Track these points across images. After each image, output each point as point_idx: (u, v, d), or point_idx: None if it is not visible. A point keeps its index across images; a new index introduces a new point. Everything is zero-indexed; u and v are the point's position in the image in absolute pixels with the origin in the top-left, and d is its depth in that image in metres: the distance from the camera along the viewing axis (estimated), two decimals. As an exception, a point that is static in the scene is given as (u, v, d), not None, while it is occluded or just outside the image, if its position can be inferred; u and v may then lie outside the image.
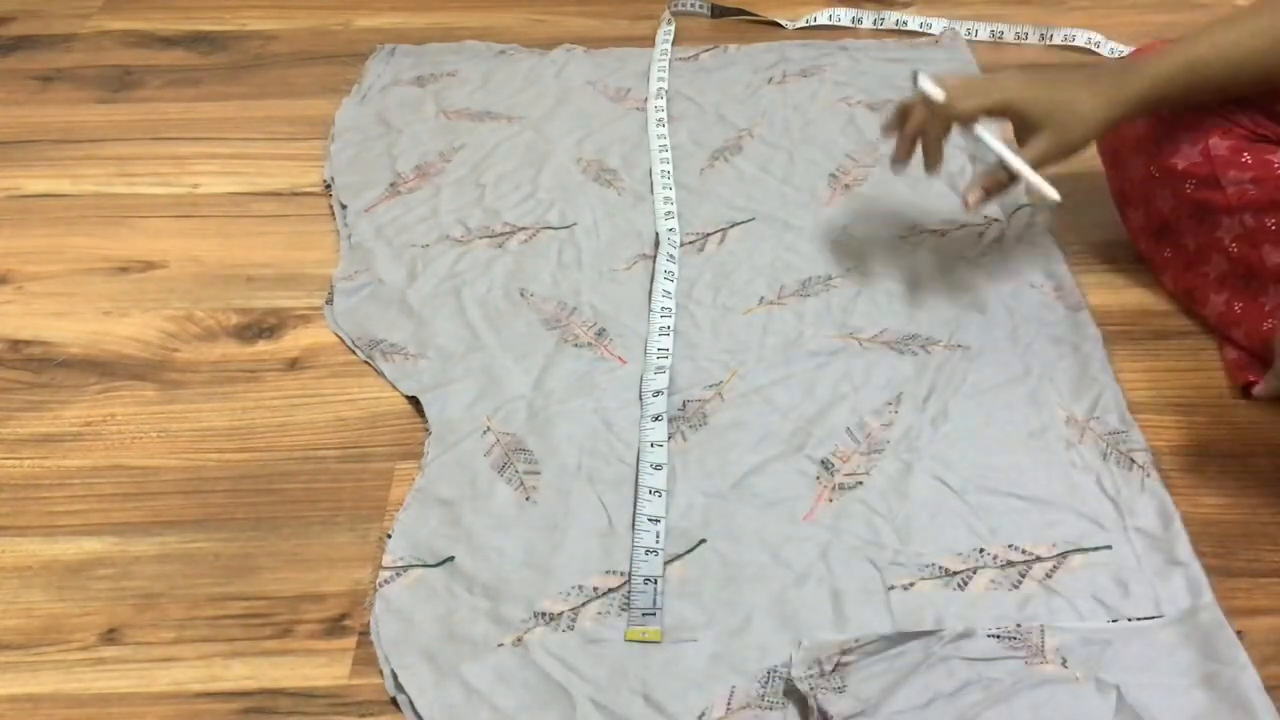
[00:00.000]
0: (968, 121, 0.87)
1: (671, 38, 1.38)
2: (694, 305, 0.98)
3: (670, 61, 1.33)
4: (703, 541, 0.78)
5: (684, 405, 0.88)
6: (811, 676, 0.67)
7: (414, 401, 0.89)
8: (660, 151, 1.16)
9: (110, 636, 0.73)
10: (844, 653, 0.69)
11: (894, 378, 0.90)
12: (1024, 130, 0.87)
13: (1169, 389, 0.90)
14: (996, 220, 1.06)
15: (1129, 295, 1.00)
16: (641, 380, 0.89)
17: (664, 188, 1.11)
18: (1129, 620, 0.71)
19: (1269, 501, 0.81)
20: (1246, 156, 0.92)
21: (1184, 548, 0.76)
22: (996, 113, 0.87)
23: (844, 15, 1.43)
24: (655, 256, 1.02)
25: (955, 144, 1.17)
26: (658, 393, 0.88)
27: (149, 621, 0.74)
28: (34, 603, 0.75)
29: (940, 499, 0.80)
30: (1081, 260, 1.03)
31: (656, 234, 1.05)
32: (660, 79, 1.28)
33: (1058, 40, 1.38)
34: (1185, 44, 0.87)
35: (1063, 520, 0.78)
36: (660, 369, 0.90)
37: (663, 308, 0.96)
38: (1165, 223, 0.97)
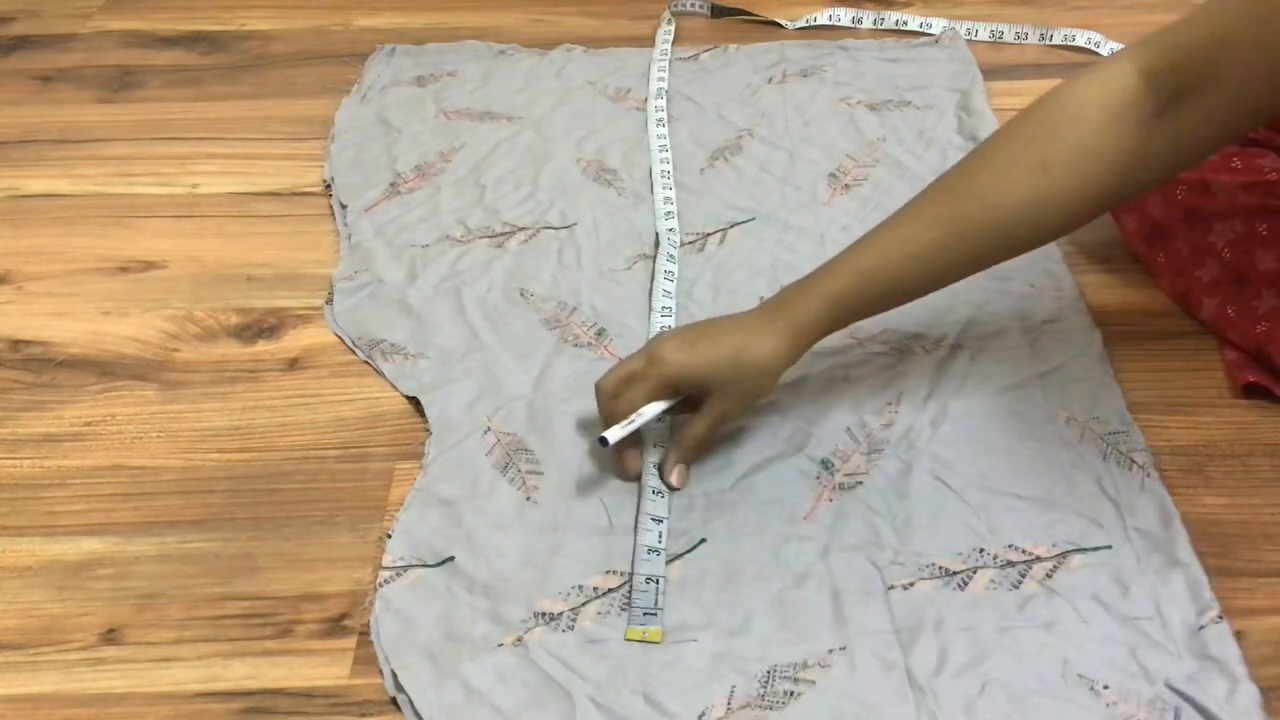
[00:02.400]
0: (625, 413, 0.77)
1: (671, 38, 1.38)
2: (694, 305, 0.98)
3: (670, 61, 1.33)
4: (703, 541, 0.78)
5: (684, 405, 0.88)
6: None
7: (414, 401, 0.89)
8: (660, 151, 1.16)
9: (110, 636, 0.73)
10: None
11: (894, 378, 0.90)
12: (697, 396, 0.79)
13: (1169, 389, 0.90)
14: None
15: (1129, 295, 1.00)
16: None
17: (664, 188, 1.11)
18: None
19: (1269, 501, 0.81)
20: (1237, 161, 0.92)
21: (1184, 548, 0.76)
22: (663, 394, 0.78)
23: (844, 15, 1.43)
24: (655, 256, 1.02)
25: (956, 142, 1.18)
26: None
27: (149, 621, 0.74)
28: (34, 603, 0.75)
29: (940, 499, 0.80)
30: (1081, 260, 1.03)
31: (656, 234, 1.06)
32: (660, 78, 1.28)
33: (1058, 40, 1.38)
34: (850, 255, 0.78)
35: (1063, 520, 0.78)
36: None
37: (663, 307, 0.96)
38: (1158, 227, 0.97)
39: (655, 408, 0.78)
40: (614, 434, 0.76)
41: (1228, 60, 0.68)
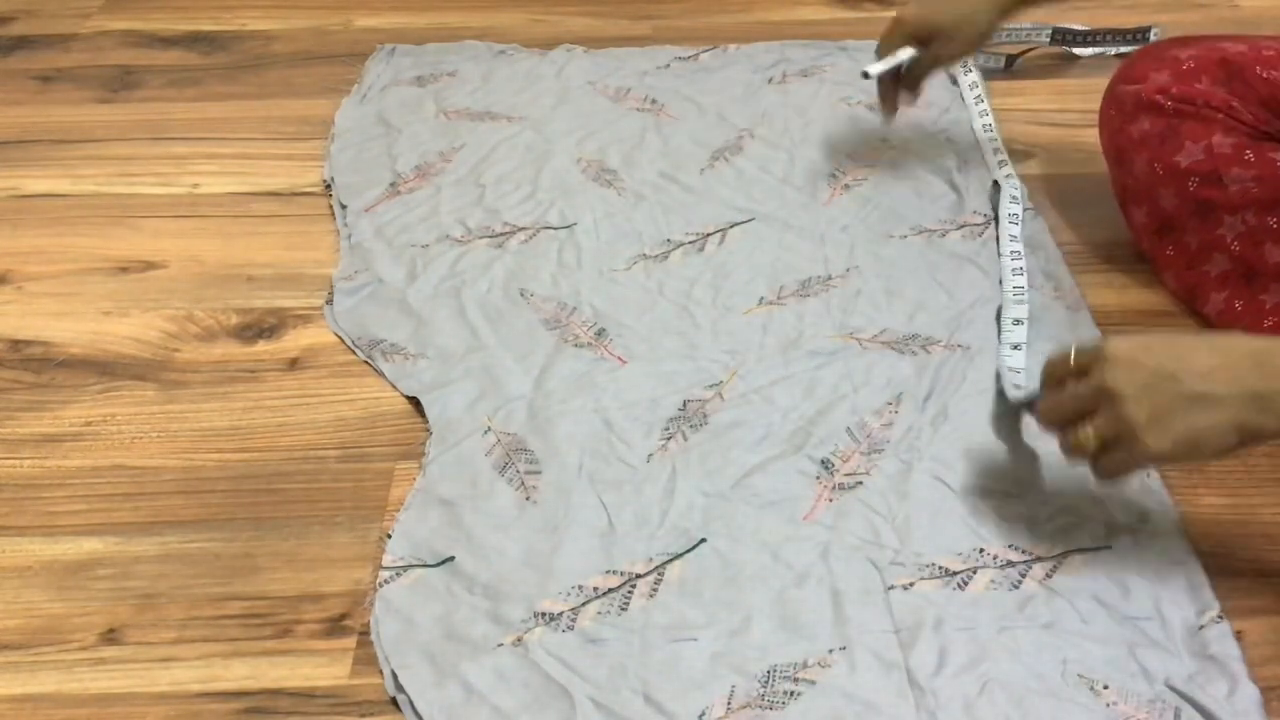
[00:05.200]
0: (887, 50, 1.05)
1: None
2: (694, 305, 0.98)
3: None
4: (703, 541, 0.78)
5: (684, 405, 0.88)
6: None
7: (414, 401, 0.89)
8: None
9: (110, 636, 0.73)
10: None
11: (894, 378, 0.90)
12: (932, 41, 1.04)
13: (1169, 389, 0.90)
14: (996, 220, 1.06)
15: (1129, 295, 1.00)
16: (999, 311, 0.96)
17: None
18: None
19: (1269, 501, 0.81)
20: (1250, 154, 0.92)
21: (1184, 548, 0.76)
22: (905, 41, 1.04)
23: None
24: (999, 203, 1.08)
25: (956, 141, 1.18)
26: (1018, 321, 0.94)
27: (149, 621, 0.74)
28: (34, 603, 0.75)
29: (940, 499, 0.80)
30: (1081, 260, 1.03)
31: (995, 181, 1.11)
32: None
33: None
34: None
35: (1062, 520, 0.78)
36: (1019, 300, 0.96)
37: (1012, 251, 1.01)
38: (1168, 220, 0.97)
39: (906, 53, 1.04)
40: (875, 68, 1.05)
41: None
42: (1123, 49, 1.34)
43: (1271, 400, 0.64)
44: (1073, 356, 0.71)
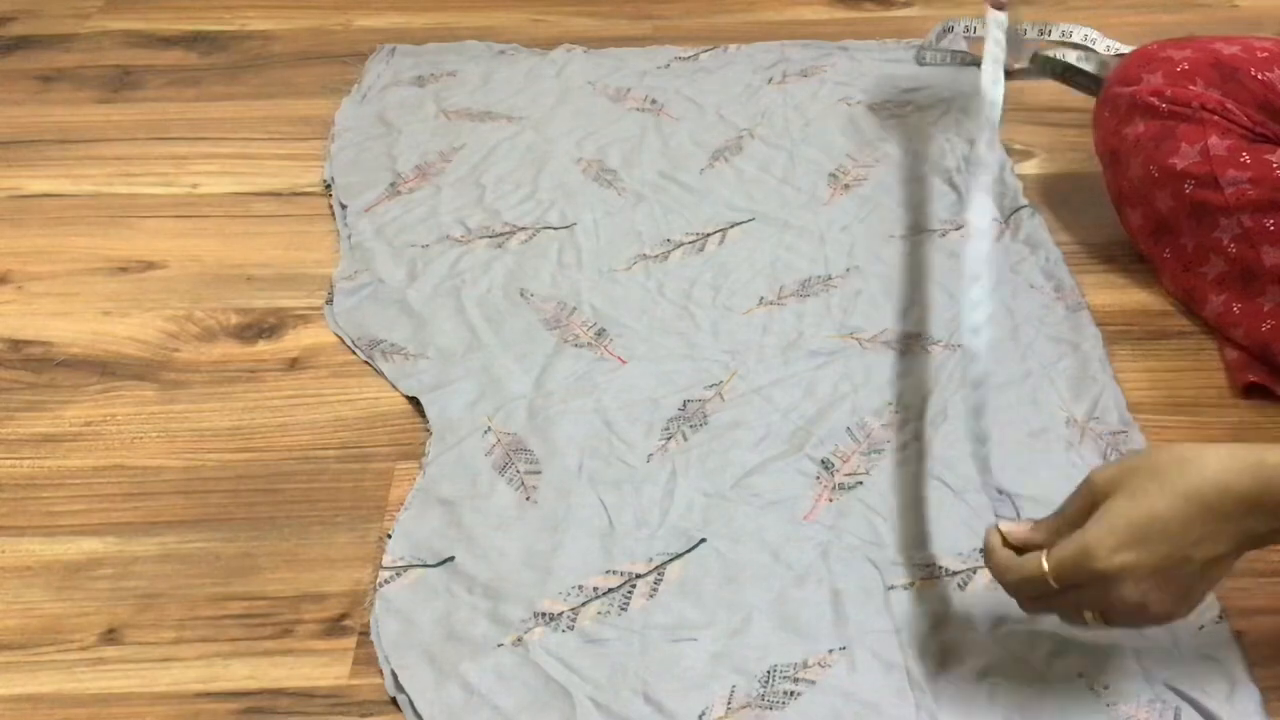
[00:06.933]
0: None
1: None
2: (694, 305, 0.98)
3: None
4: (703, 541, 0.78)
5: (684, 405, 0.88)
6: None
7: (414, 401, 0.89)
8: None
9: (110, 636, 0.73)
10: None
11: (894, 378, 0.90)
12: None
13: (1169, 389, 0.90)
14: (996, 220, 1.06)
15: (1129, 295, 1.00)
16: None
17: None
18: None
19: (1269, 501, 0.81)
20: (1245, 156, 0.92)
21: (1184, 548, 0.76)
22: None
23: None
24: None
25: (955, 143, 1.18)
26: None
27: (149, 621, 0.74)
28: (34, 603, 0.75)
29: (940, 499, 0.80)
30: (1081, 260, 1.03)
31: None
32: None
33: (1055, 36, 1.37)
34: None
35: (1063, 520, 0.78)
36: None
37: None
38: (1164, 223, 0.97)
39: None
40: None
41: None
42: (1124, 49, 1.34)
43: (1272, 536, 0.62)
44: (1049, 574, 0.61)
